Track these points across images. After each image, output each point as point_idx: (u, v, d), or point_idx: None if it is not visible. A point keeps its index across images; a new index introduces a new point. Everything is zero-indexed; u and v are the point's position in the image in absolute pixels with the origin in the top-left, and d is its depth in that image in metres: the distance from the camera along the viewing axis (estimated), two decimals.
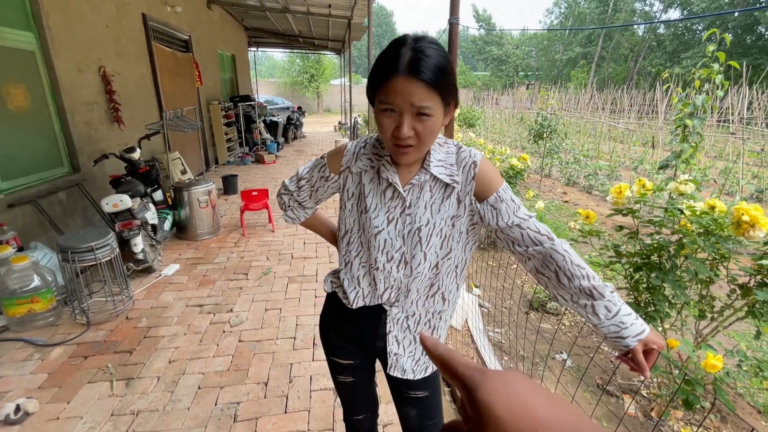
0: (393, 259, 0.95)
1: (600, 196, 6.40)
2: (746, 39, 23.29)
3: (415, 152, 0.83)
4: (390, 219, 0.93)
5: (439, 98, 0.78)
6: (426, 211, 0.91)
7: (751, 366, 1.57)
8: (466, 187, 0.91)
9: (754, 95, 8.60)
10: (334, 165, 0.98)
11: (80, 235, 2.60)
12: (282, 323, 2.63)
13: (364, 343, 1.06)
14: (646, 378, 0.88)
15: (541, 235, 0.90)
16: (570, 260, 0.88)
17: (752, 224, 1.43)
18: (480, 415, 0.25)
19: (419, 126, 0.79)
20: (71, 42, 3.56)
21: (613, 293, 0.86)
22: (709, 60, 3.33)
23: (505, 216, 0.90)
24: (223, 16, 8.83)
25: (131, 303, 2.82)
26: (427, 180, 0.91)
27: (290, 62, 27.53)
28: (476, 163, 0.90)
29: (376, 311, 1.02)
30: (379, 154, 0.94)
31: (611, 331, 0.84)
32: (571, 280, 0.87)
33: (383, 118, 0.81)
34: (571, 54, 31.73)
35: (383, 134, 0.83)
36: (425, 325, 1.03)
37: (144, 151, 4.35)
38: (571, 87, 18.99)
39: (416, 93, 0.75)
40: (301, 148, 10.77)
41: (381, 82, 0.78)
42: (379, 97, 0.79)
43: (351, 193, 0.97)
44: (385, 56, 0.78)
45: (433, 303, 1.01)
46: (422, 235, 0.91)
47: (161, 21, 5.48)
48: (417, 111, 0.77)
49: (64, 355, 2.29)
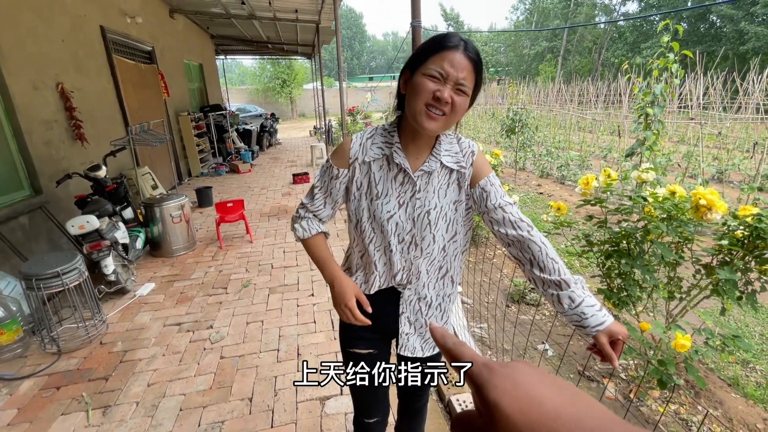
0: (404, 241, 1.01)
1: (572, 186, 6.58)
2: (699, 28, 24.44)
3: (443, 123, 0.90)
4: (401, 203, 0.99)
5: (474, 84, 0.90)
6: (434, 196, 0.99)
7: (717, 342, 1.65)
8: (466, 173, 1.00)
9: (709, 81, 9.03)
10: (341, 161, 1.02)
11: (45, 260, 2.49)
12: (264, 336, 2.59)
13: (380, 326, 1.11)
14: (615, 367, 0.92)
15: (521, 221, 0.98)
16: (545, 252, 0.95)
17: (709, 207, 1.50)
18: (490, 412, 0.24)
19: (456, 98, 0.88)
20: (25, 59, 3.40)
21: (578, 285, 0.92)
22: (665, 50, 3.48)
23: (493, 198, 0.98)
24: (187, 25, 8.63)
25: (105, 327, 2.71)
26: (437, 167, 0.99)
27: (261, 69, 27.12)
28: (474, 152, 1.01)
29: (391, 294, 1.07)
30: (389, 142, 0.99)
31: (573, 320, 0.91)
32: (543, 271, 0.94)
33: (425, 80, 0.87)
34: (538, 49, 32.52)
35: (417, 96, 0.88)
36: (437, 309, 1.10)
37: (111, 168, 4.20)
38: (540, 81, 19.46)
39: (466, 69, 0.86)
40: (277, 156, 10.63)
41: (441, 49, 0.87)
42: (431, 63, 0.87)
43: (360, 183, 1.01)
44: (444, 37, 0.89)
45: (443, 286, 1.09)
46: (431, 218, 0.99)
47: (121, 33, 5.31)
48: (458, 86, 0.87)
49: (35, 387, 2.18)
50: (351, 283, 1.05)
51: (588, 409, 0.23)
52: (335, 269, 1.06)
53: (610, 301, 1.96)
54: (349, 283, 1.04)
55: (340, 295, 1.02)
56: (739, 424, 1.83)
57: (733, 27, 21.66)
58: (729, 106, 10.52)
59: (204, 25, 9.78)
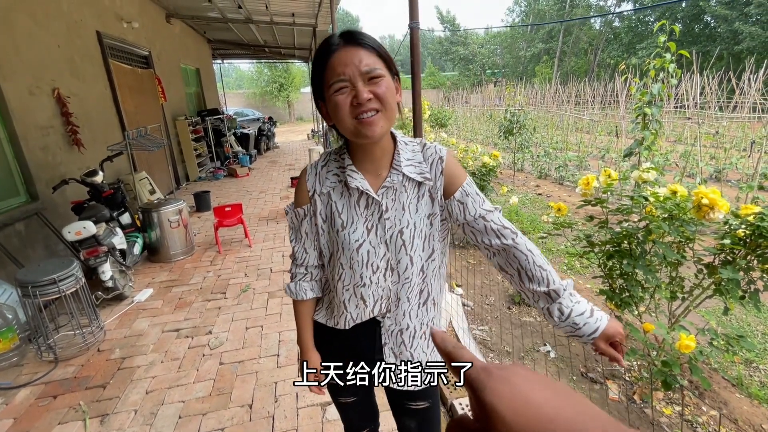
0: (379, 269, 0.91)
1: (571, 187, 6.58)
2: (694, 28, 24.59)
3: (382, 119, 0.80)
4: (369, 228, 0.90)
5: (383, 63, 0.80)
6: (405, 212, 0.89)
7: (721, 343, 1.63)
8: (436, 183, 0.90)
9: (705, 81, 9.07)
10: (302, 198, 0.95)
11: (41, 267, 2.46)
12: (264, 341, 2.56)
13: (361, 360, 1.03)
14: (622, 366, 0.90)
15: (504, 229, 0.90)
16: (533, 260, 0.89)
17: (711, 207, 1.48)
18: (486, 416, 0.25)
19: (376, 89, 0.78)
20: (20, 64, 3.38)
21: (566, 292, 0.87)
22: (661, 50, 3.49)
23: (471, 209, 0.90)
24: (184, 30, 8.63)
25: (102, 334, 2.68)
26: (400, 181, 0.89)
27: (258, 73, 27.16)
28: (443, 158, 0.90)
29: (369, 325, 0.99)
30: (342, 166, 0.91)
31: (567, 331, 0.87)
32: (531, 281, 0.89)
33: (337, 98, 0.79)
34: (534, 50, 32.67)
35: (342, 116, 0.80)
36: (421, 338, 1.01)
37: (108, 173, 4.18)
38: (537, 82, 19.53)
39: (362, 57, 0.78)
40: (275, 159, 10.62)
41: (327, 59, 0.79)
42: (328, 78, 0.80)
43: (324, 215, 0.94)
44: (322, 46, 0.82)
45: (426, 312, 1.00)
46: (405, 238, 0.89)
47: (117, 38, 5.30)
48: (368, 76, 0.78)
49: (31, 396, 2.15)
50: (315, 358, 1.03)
51: (584, 413, 0.23)
52: (306, 340, 1.04)
53: (613, 302, 1.94)
54: (313, 358, 1.03)
55: (302, 367, 1.03)
56: (745, 424, 1.81)
57: (727, 27, 21.81)
58: (725, 106, 10.57)
59: (201, 30, 9.78)
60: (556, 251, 4.16)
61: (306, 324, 1.04)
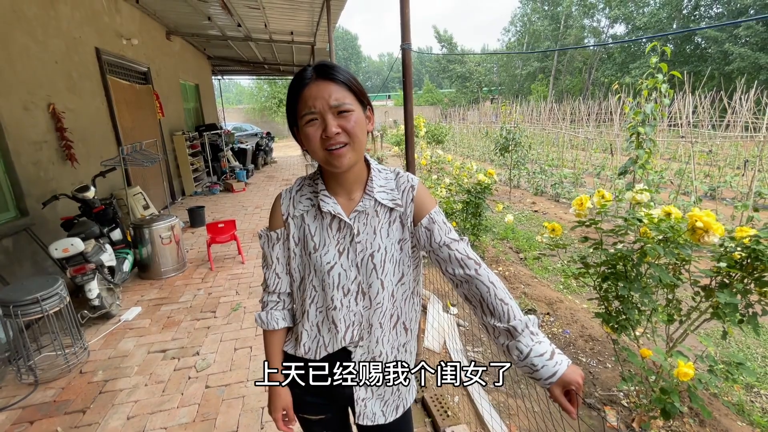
0: (350, 292, 0.92)
1: (567, 204, 6.59)
2: (686, 49, 25.18)
3: (350, 151, 0.84)
4: (341, 251, 0.91)
5: (353, 96, 0.84)
6: (376, 237, 0.91)
7: (720, 370, 1.59)
8: (407, 210, 0.93)
9: (697, 100, 9.21)
10: (276, 221, 0.97)
11: (24, 285, 2.40)
12: (252, 363, 2.49)
13: (332, 393, 1.00)
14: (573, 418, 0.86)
15: (468, 259, 0.89)
16: (494, 293, 0.87)
17: (706, 230, 1.46)
18: None
19: (344, 123, 0.82)
20: (15, 80, 3.38)
21: (527, 330, 0.83)
22: (653, 71, 3.54)
23: (437, 236, 0.91)
24: (184, 47, 8.75)
25: (86, 355, 2.60)
26: (372, 206, 0.92)
27: (258, 88, 27.53)
28: (414, 187, 0.94)
29: (340, 356, 0.97)
30: (315, 191, 0.94)
31: (525, 372, 0.83)
32: (492, 315, 0.87)
33: (308, 129, 0.83)
34: (529, 69, 33.28)
35: (313, 147, 0.84)
36: (392, 364, 0.98)
37: (101, 188, 4.15)
38: (532, 100, 19.82)
39: (332, 92, 0.81)
40: (272, 174, 10.63)
41: (299, 92, 0.83)
42: (300, 109, 0.84)
43: (297, 238, 0.95)
44: (296, 78, 0.86)
45: (397, 335, 0.98)
46: (376, 261, 0.90)
47: (117, 54, 5.35)
48: (338, 110, 0.82)
49: (7, 422, 2.06)
50: (283, 393, 1.01)
51: None
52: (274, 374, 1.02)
53: (609, 325, 1.90)
54: (280, 393, 1.01)
55: (270, 402, 1.02)
56: None
57: (717, 48, 22.34)
58: (718, 124, 10.72)
59: (201, 47, 9.92)
60: (552, 270, 4.12)
61: (276, 354, 1.02)
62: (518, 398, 2.19)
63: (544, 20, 31.63)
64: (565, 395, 0.80)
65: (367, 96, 0.89)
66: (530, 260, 4.28)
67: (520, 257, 4.47)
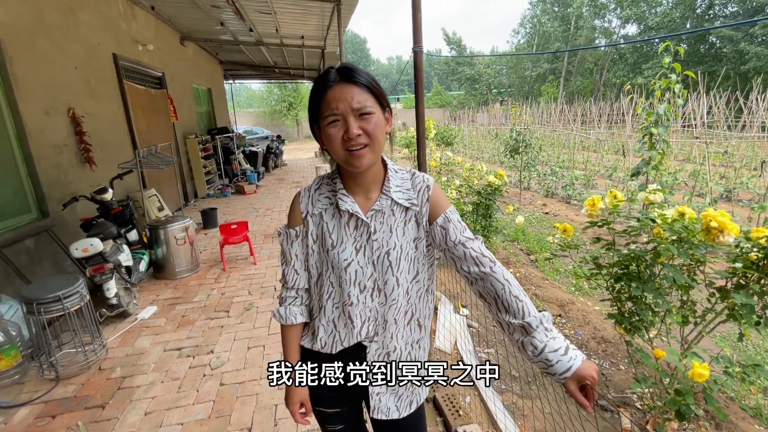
0: (366, 288, 0.94)
1: (578, 206, 6.53)
2: (699, 48, 24.77)
3: (370, 152, 0.87)
4: (358, 248, 0.94)
5: (374, 99, 0.87)
6: (392, 235, 0.94)
7: (737, 372, 1.57)
8: (422, 209, 0.95)
9: (712, 101, 9.06)
10: (295, 220, 1.00)
11: (46, 284, 2.48)
12: (265, 361, 2.52)
13: (348, 387, 1.02)
14: (589, 413, 0.87)
15: (483, 257, 0.92)
16: (509, 290, 0.89)
17: (721, 230, 1.45)
18: None
19: (365, 125, 0.85)
20: (38, 86, 3.50)
21: (542, 326, 0.85)
22: (666, 71, 3.50)
23: (453, 235, 0.93)
24: (197, 52, 8.91)
25: (104, 352, 2.67)
26: (388, 205, 0.94)
27: (268, 92, 27.83)
28: (429, 187, 0.96)
29: (355, 351, 0.99)
30: (333, 190, 0.97)
31: (540, 367, 0.85)
32: (507, 312, 0.89)
33: (330, 130, 0.86)
34: (539, 70, 33.07)
35: (334, 147, 0.87)
36: (406, 359, 1.01)
37: (118, 190, 4.25)
38: (542, 101, 19.69)
39: (354, 95, 0.84)
40: (283, 176, 10.74)
41: (323, 93, 0.86)
42: (323, 110, 0.87)
43: (315, 235, 0.98)
44: (319, 80, 0.88)
45: (411, 332, 1.01)
46: (392, 259, 0.93)
47: (133, 60, 5.48)
48: (359, 112, 0.85)
49: (30, 415, 2.13)
50: (300, 387, 1.03)
51: None
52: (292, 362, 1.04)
53: (622, 326, 1.89)
54: (297, 387, 1.03)
55: (287, 396, 1.05)
56: None
57: (733, 47, 21.93)
58: (734, 125, 10.51)
59: (213, 52, 10.10)
60: (563, 272, 4.09)
61: (293, 349, 1.04)
62: (530, 399, 2.18)
63: (554, 21, 31.43)
64: (581, 390, 0.82)
65: (386, 98, 0.91)
66: (541, 262, 4.25)
67: (530, 259, 4.45)
